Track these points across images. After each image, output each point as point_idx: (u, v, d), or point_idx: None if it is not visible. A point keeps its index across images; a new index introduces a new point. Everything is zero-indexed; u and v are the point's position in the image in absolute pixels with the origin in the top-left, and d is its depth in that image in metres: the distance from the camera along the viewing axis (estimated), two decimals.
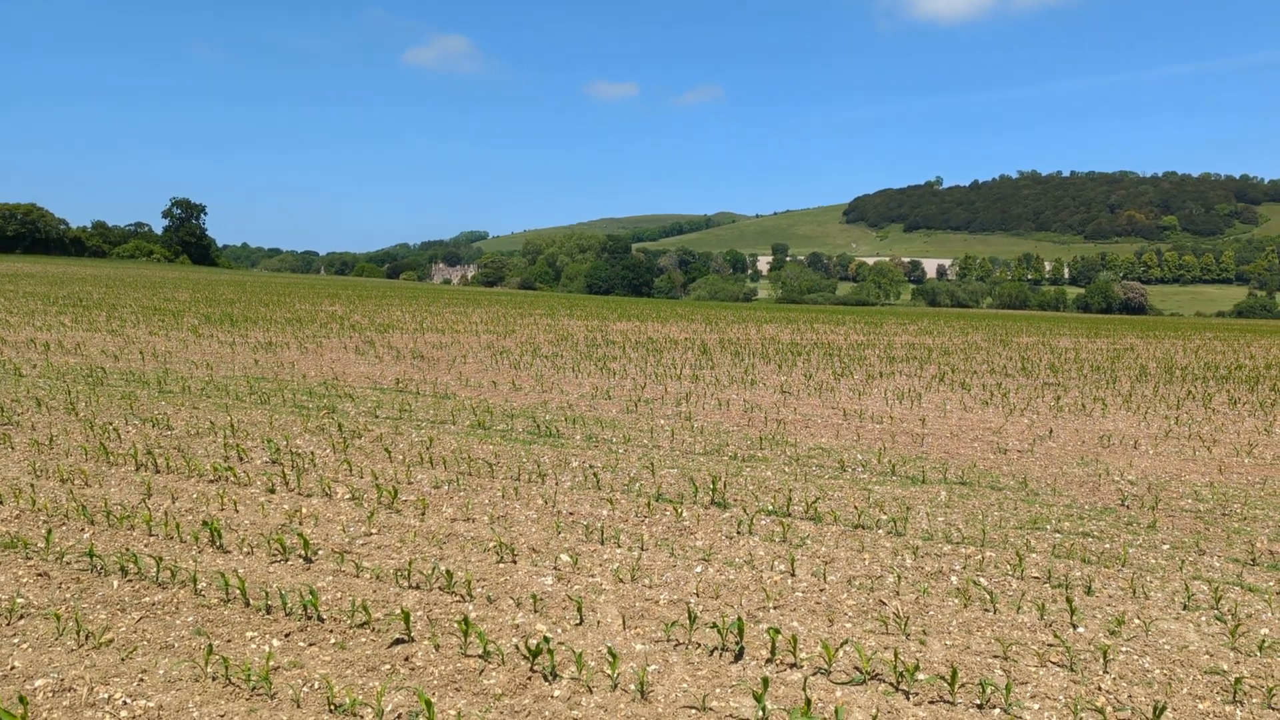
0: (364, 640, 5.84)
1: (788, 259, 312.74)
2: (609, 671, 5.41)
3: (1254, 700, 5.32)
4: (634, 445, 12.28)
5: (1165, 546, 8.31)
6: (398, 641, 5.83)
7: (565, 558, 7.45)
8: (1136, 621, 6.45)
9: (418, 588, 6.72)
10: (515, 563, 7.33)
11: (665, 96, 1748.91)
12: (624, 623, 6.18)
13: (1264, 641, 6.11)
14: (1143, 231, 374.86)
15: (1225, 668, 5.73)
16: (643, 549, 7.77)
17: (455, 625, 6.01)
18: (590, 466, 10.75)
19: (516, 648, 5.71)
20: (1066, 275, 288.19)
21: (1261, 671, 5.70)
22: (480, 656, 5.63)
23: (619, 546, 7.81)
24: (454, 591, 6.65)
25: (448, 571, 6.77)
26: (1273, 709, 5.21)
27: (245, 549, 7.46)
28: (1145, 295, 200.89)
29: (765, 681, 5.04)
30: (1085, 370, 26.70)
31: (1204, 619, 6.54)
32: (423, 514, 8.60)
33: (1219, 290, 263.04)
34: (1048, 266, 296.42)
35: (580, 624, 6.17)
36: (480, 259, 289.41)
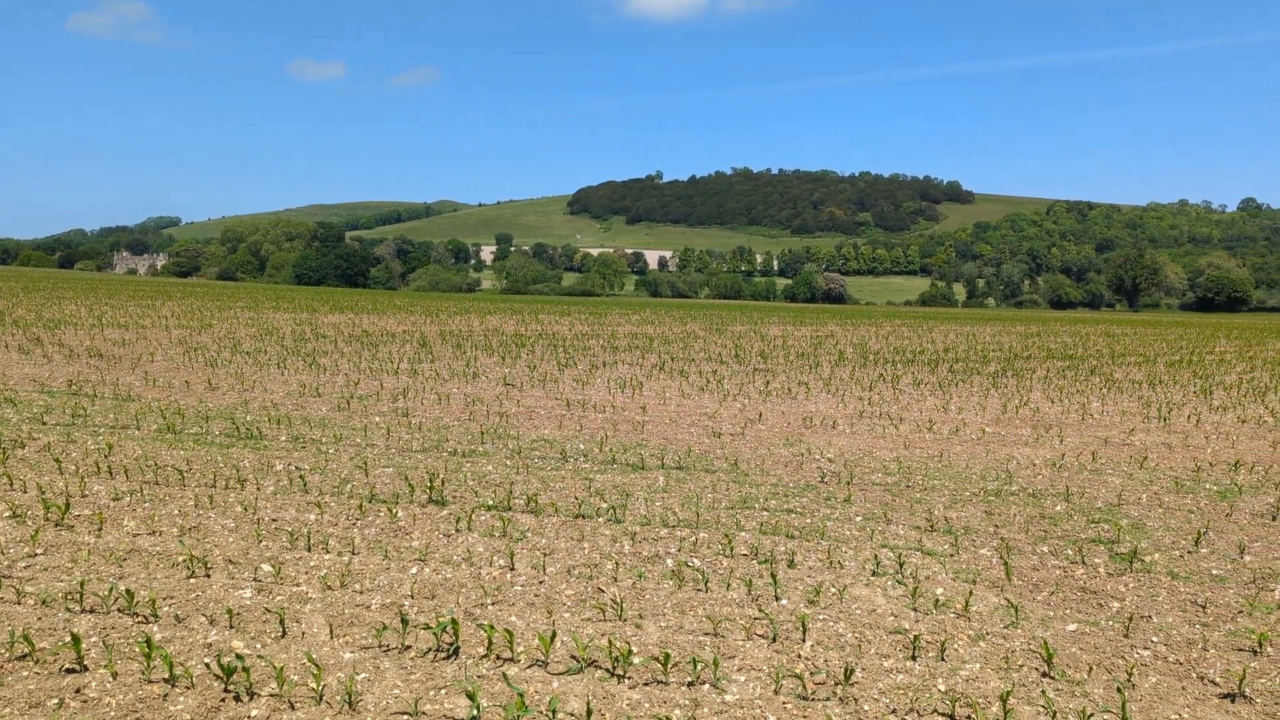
0: (26, 674, 5.14)
1: (512, 249, 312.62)
2: (313, 685, 5.06)
3: (930, 654, 5.79)
4: (345, 445, 11.71)
5: (858, 518, 8.94)
6: (68, 672, 5.18)
7: (267, 568, 6.93)
8: (833, 590, 6.86)
9: (92, 611, 6.01)
10: (209, 576, 6.73)
11: (377, 78, 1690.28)
12: (332, 632, 5.83)
13: (938, 600, 6.69)
14: (842, 226, 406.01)
15: (907, 627, 6.21)
16: (354, 553, 7.39)
17: (137, 649, 5.41)
18: (297, 469, 10.13)
19: (208, 667, 5.22)
20: (776, 267, 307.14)
21: (936, 628, 6.22)
22: (166, 680, 5.11)
23: (328, 552, 7.38)
24: (135, 613, 6.01)
25: (128, 591, 6.10)
26: (944, 660, 5.69)
27: None
28: (844, 286, 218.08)
29: (479, 680, 4.90)
30: (791, 356, 28.51)
31: (890, 584, 7.07)
32: (99, 529, 7.72)
33: (906, 281, 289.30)
34: (759, 259, 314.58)
35: (283, 637, 5.75)
36: (172, 247, 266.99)
